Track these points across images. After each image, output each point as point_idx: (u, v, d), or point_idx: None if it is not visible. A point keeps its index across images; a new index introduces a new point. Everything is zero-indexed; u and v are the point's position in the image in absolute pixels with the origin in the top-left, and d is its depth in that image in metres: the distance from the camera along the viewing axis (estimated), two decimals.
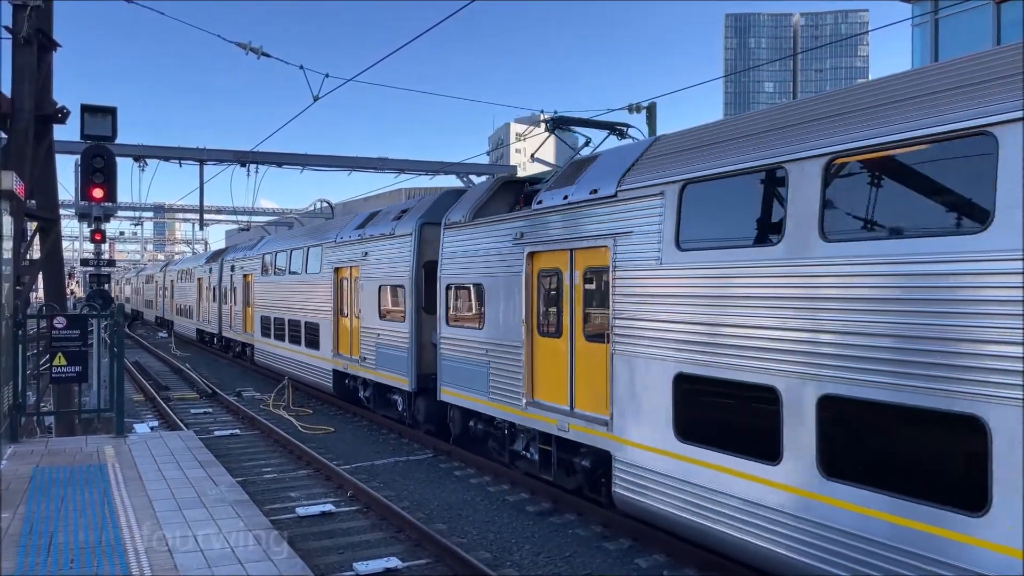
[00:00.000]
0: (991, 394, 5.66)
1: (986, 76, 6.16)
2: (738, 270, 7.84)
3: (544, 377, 11.41)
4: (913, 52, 23.83)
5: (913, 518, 6.10)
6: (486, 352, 12.85)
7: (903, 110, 6.57)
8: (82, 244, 66.54)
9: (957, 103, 6.16)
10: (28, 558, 6.91)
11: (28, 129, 13.57)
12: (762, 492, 7.42)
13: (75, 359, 12.45)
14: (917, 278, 6.23)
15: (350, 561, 9.14)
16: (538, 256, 11.50)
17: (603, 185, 10.04)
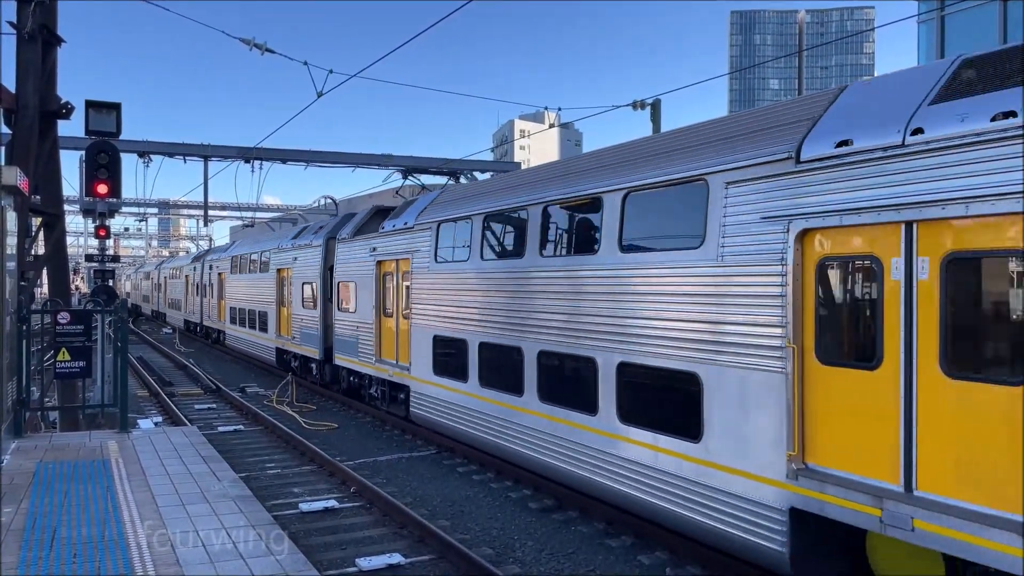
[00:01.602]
0: (702, 358, 8.38)
1: (722, 136, 8.76)
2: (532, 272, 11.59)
3: (385, 343, 17.21)
4: (919, 49, 23.76)
5: (664, 447, 8.98)
6: (356, 328, 18.61)
7: (668, 160, 9.28)
8: (87, 240, 66.74)
9: (693, 158, 8.87)
10: (31, 553, 6.93)
11: (33, 125, 13.57)
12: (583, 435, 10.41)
13: (79, 354, 12.47)
14: (666, 279, 9.02)
15: (353, 557, 9.15)
16: (381, 263, 17.24)
17: (409, 219, 15.90)
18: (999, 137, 5.94)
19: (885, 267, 6.74)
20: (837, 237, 7.17)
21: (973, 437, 6.08)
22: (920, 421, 6.45)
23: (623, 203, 9.79)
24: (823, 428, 7.24)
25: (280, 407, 19.84)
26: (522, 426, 11.76)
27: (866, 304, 7.02)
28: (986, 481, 5.98)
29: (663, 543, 9.51)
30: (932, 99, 6.70)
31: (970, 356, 6.24)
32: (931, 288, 6.40)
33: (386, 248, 16.86)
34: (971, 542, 5.95)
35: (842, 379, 7.09)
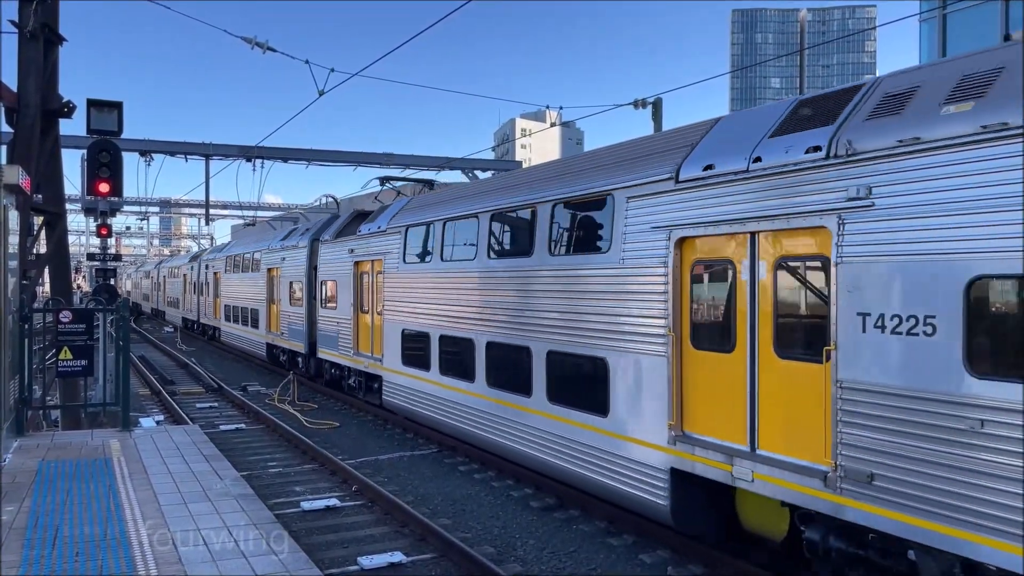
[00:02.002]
0: (609, 345, 9.83)
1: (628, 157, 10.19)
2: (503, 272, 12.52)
3: (362, 337, 18.74)
4: (920, 48, 23.73)
5: (579, 421, 10.42)
6: (337, 324, 20.10)
7: (586, 177, 10.78)
8: (88, 239, 66.73)
9: (604, 176, 10.30)
10: (33, 551, 6.94)
11: (34, 124, 13.58)
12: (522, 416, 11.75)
13: (81, 353, 12.49)
14: (582, 278, 10.46)
15: (355, 555, 9.16)
16: (358, 263, 18.75)
17: (382, 224, 17.43)
18: (809, 167, 7.35)
19: (737, 269, 8.21)
20: (705, 244, 8.62)
21: (795, 405, 7.52)
22: (761, 394, 7.90)
23: (552, 213, 11.30)
24: (695, 401, 8.70)
25: (282, 406, 19.86)
26: (475, 409, 13.18)
27: (725, 299, 8.41)
28: (803, 439, 7.41)
29: (665, 542, 9.52)
30: (771, 133, 8.04)
31: (791, 341, 7.65)
32: (767, 287, 7.86)
33: (363, 249, 18.40)
34: (793, 488, 7.42)
35: (709, 361, 8.54)
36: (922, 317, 6.39)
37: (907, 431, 6.47)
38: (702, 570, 8.82)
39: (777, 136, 7.91)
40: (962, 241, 6.12)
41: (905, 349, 6.51)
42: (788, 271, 7.71)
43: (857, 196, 6.91)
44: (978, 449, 6.00)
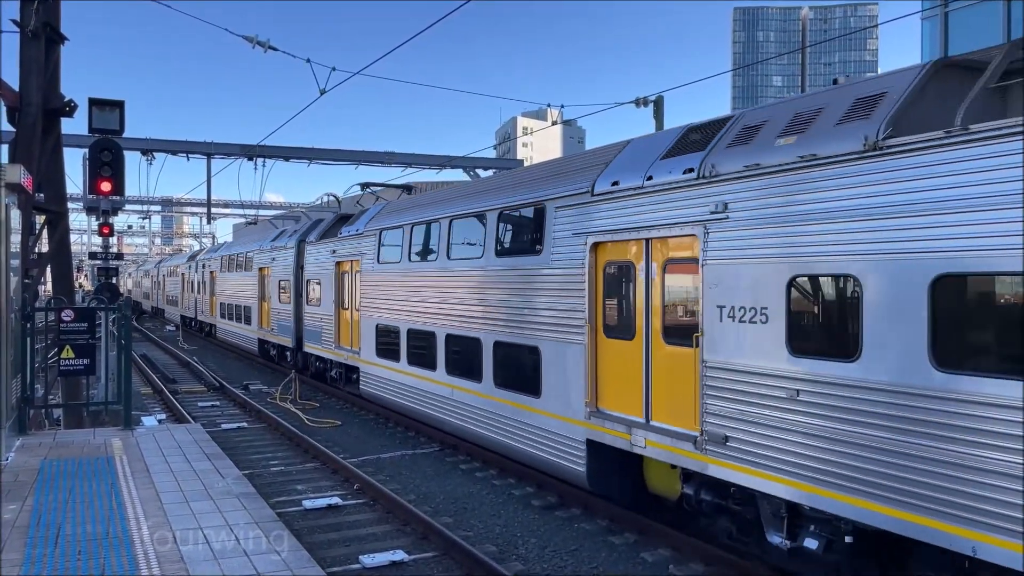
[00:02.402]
0: (541, 336, 11.29)
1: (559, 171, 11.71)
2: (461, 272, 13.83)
3: (342, 332, 20.23)
4: (922, 46, 23.70)
5: (519, 402, 11.83)
6: (321, 320, 21.64)
7: (526, 188, 12.22)
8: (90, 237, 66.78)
9: (539, 187, 11.75)
10: (36, 550, 6.96)
11: (36, 123, 13.59)
12: (475, 400, 13.18)
13: (83, 352, 12.50)
14: (521, 277, 11.87)
15: (356, 554, 9.17)
16: (339, 263, 20.26)
17: (360, 227, 18.92)
18: (684, 185, 8.78)
19: (636, 270, 9.63)
20: (613, 248, 10.01)
21: (676, 383, 8.96)
22: (653, 374, 9.36)
23: (497, 219, 12.76)
24: (606, 382, 10.20)
25: (283, 404, 19.88)
26: (437, 395, 14.60)
27: (628, 295, 9.80)
28: (681, 411, 8.86)
29: (666, 541, 9.52)
30: (663, 155, 9.41)
31: (674, 329, 9.07)
32: (658, 284, 9.30)
33: (343, 250, 19.91)
34: (674, 451, 8.90)
35: (616, 348, 10.00)
36: (759, 308, 7.86)
37: (749, 400, 7.94)
38: (704, 568, 8.82)
39: (666, 158, 9.32)
40: (786, 248, 7.55)
41: (747, 334, 7.98)
42: (672, 272, 9.17)
43: (717, 210, 8.35)
44: (795, 412, 7.44)
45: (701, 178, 8.59)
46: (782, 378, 7.54)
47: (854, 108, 7.37)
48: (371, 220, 18.38)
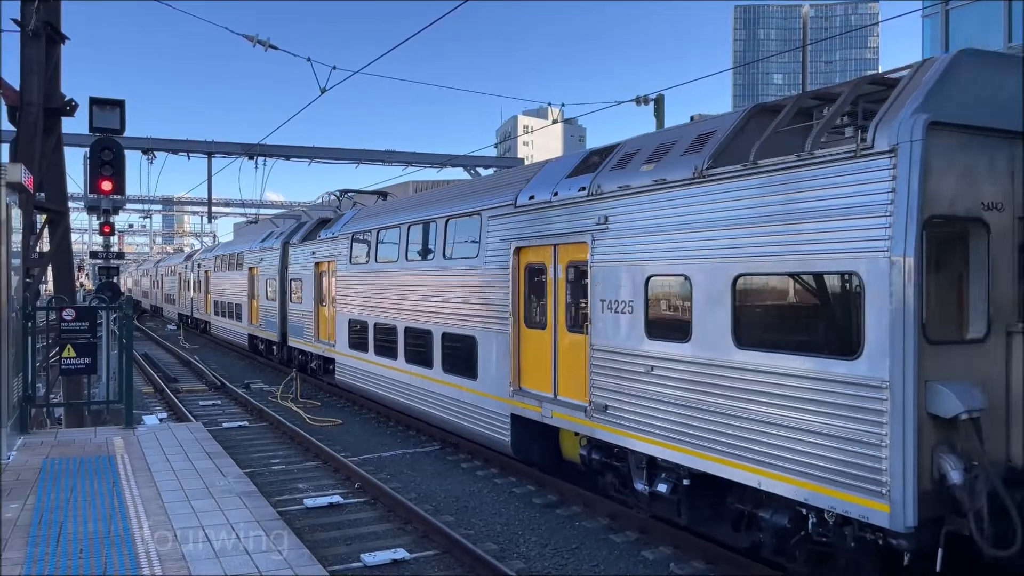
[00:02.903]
0: (477, 326, 12.99)
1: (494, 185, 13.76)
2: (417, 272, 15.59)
3: (321, 327, 21.90)
4: (923, 43, 23.68)
5: (461, 385, 13.56)
6: (303, 316, 23.31)
7: (468, 199, 14.01)
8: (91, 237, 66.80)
9: (478, 199, 13.47)
10: (37, 548, 6.96)
11: (37, 122, 13.60)
12: (427, 384, 14.93)
13: (84, 351, 12.50)
14: (462, 277, 13.60)
15: (358, 552, 9.18)
16: (318, 264, 21.89)
17: (336, 231, 20.47)
18: (579, 200, 10.52)
19: (547, 270, 11.42)
20: (531, 252, 11.82)
21: (575, 364, 10.72)
22: (559, 357, 11.17)
23: (444, 227, 14.41)
24: (526, 365, 12.01)
25: (285, 403, 19.89)
26: (399, 382, 16.26)
27: (541, 292, 11.68)
28: (578, 387, 10.61)
29: (668, 539, 9.52)
30: (567, 175, 11.19)
31: (574, 320, 10.87)
32: (563, 283, 11.09)
33: (321, 252, 21.55)
34: (572, 420, 10.69)
35: (533, 336, 11.85)
36: (628, 301, 9.62)
37: (621, 375, 9.69)
38: (705, 567, 8.83)
39: (569, 177, 11.08)
40: (645, 253, 9.34)
41: (620, 322, 9.74)
42: (572, 272, 10.92)
43: (600, 222, 10.08)
44: (650, 384, 9.19)
45: (590, 195, 10.33)
46: (642, 357, 9.35)
47: (693, 143, 9.04)
48: (345, 225, 20.09)
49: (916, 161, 6.55)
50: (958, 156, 6.90)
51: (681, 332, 8.76)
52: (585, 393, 10.32)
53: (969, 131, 6.93)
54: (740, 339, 8.01)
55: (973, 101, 7.02)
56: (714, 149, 8.58)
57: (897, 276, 6.56)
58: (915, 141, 6.57)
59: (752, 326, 8.11)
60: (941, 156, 6.75)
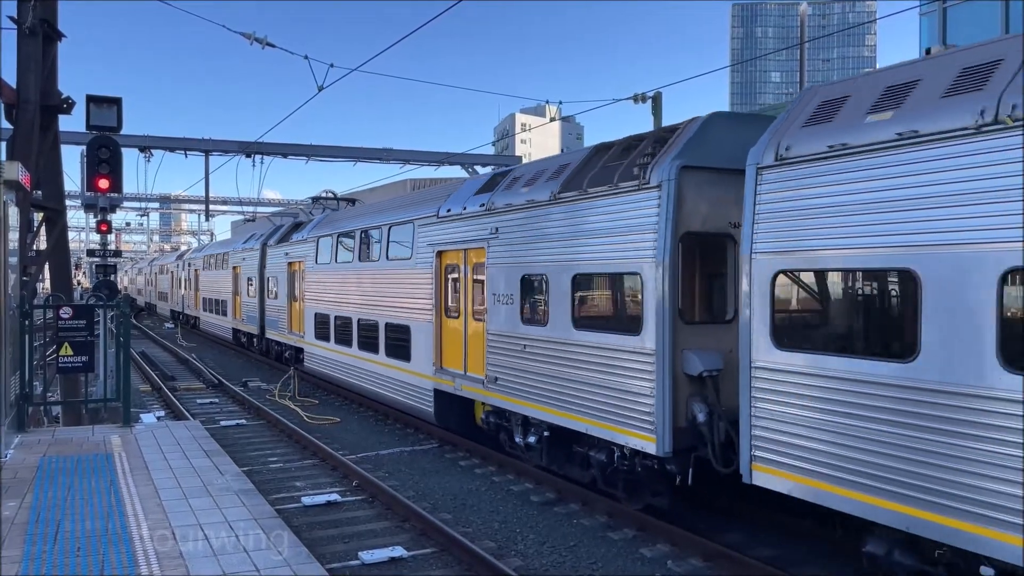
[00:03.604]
0: (411, 317, 15.40)
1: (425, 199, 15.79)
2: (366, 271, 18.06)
3: (293, 320, 24.45)
4: (921, 42, 23.69)
5: (400, 367, 15.91)
6: (278, 311, 25.94)
7: (404, 209, 16.36)
8: (88, 235, 66.71)
9: (412, 210, 15.82)
10: (35, 546, 6.96)
11: (34, 120, 13.57)
12: (374, 367, 17.43)
13: (82, 349, 12.48)
14: (400, 276, 15.99)
15: (356, 550, 9.18)
16: (291, 263, 24.46)
17: (305, 234, 22.85)
18: (480, 214, 13.05)
19: (460, 270, 13.92)
20: (448, 255, 14.33)
21: (478, 346, 13.18)
22: (468, 341, 13.67)
23: (388, 232, 16.85)
24: (445, 348, 14.50)
25: (282, 401, 19.89)
26: (354, 366, 18.67)
27: (456, 288, 14.10)
28: (479, 364, 13.09)
29: (665, 536, 9.54)
30: (475, 192, 13.67)
31: (477, 311, 13.26)
32: (471, 280, 13.58)
33: (293, 253, 24.14)
34: (475, 391, 13.21)
35: (450, 324, 14.33)
36: (510, 295, 12.15)
37: (505, 353, 12.27)
38: (702, 564, 8.84)
39: (476, 194, 13.53)
40: (520, 257, 11.93)
41: (505, 311, 12.30)
42: (476, 272, 13.29)
43: (493, 232, 12.65)
44: (526, 359, 11.73)
45: (487, 211, 12.80)
46: (519, 338, 11.94)
47: (555, 172, 11.57)
48: (312, 229, 22.49)
49: (672, 194, 9.07)
50: (708, 189, 9.30)
51: (542, 318, 11.42)
52: (483, 369, 12.90)
53: (717, 171, 9.24)
54: (576, 323, 10.68)
55: (720, 149, 9.25)
56: (565, 178, 11.10)
57: (660, 275, 9.10)
58: (671, 180, 9.10)
59: (583, 313, 10.78)
60: (693, 189, 9.21)
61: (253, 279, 28.81)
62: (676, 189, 9.05)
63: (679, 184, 9.07)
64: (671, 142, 9.55)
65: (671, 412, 9.02)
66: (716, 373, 9.07)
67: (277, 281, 25.81)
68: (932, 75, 6.75)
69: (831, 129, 7.35)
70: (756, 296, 7.91)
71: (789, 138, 7.73)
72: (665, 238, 9.04)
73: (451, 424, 14.68)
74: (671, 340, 9.08)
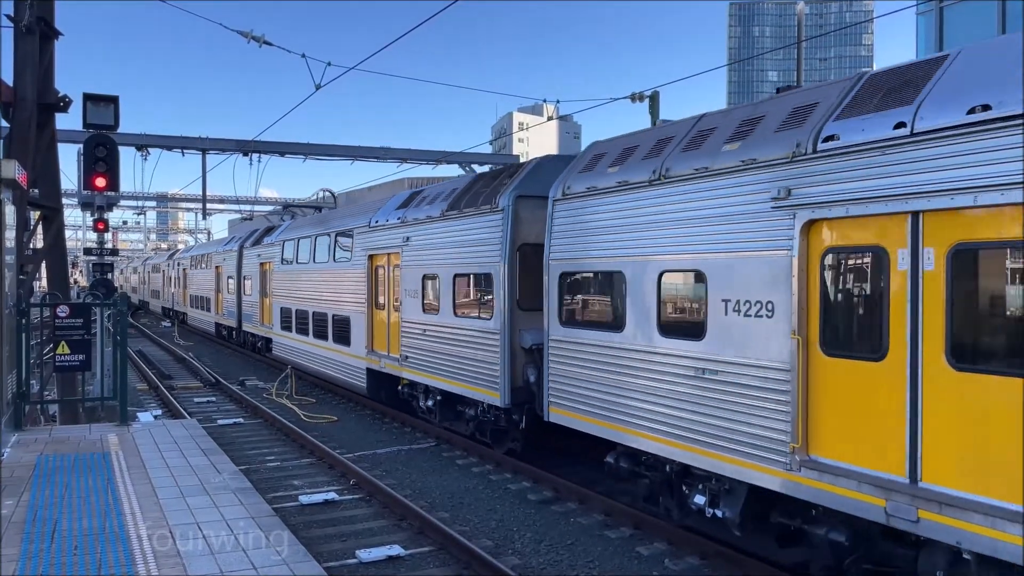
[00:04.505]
0: (352, 309, 18.53)
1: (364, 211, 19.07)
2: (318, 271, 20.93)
3: (264, 314, 26.98)
4: (917, 41, 23.72)
5: (343, 351, 19.03)
6: (252, 306, 28.63)
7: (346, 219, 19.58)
8: (85, 233, 66.64)
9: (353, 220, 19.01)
10: (32, 545, 6.96)
11: (31, 118, 13.55)
12: (325, 352, 20.25)
13: (79, 348, 12.46)
14: (344, 274, 18.92)
15: (353, 549, 9.19)
16: (262, 263, 26.83)
17: (274, 238, 25.88)
18: (395, 225, 15.97)
19: (386, 268, 16.72)
20: (377, 258, 17.19)
21: (395, 333, 16.13)
22: (391, 328, 16.46)
23: (335, 239, 19.67)
24: (375, 334, 17.34)
25: (280, 400, 19.88)
26: (311, 352, 21.54)
27: (383, 283, 16.95)
28: (396, 346, 15.96)
29: (662, 535, 9.55)
30: (397, 207, 16.48)
31: (395, 304, 16.24)
32: (392, 277, 16.52)
33: (264, 254, 26.88)
34: (394, 368, 16.10)
35: (379, 314, 17.15)
36: (415, 290, 15.13)
37: (412, 337, 15.27)
38: (699, 562, 8.86)
39: (397, 209, 16.34)
40: (422, 261, 14.89)
41: (412, 303, 15.29)
42: (395, 271, 16.25)
43: (405, 241, 15.58)
44: (425, 341, 14.76)
45: (402, 223, 15.81)
46: (421, 324, 14.95)
47: (446, 194, 14.71)
48: (279, 234, 25.71)
49: (510, 216, 12.41)
50: (537, 211, 12.11)
51: (436, 308, 14.44)
52: (399, 350, 15.86)
53: (543, 199, 11.49)
54: (455, 311, 13.89)
55: (547, 183, 11.49)
56: (452, 199, 14.27)
57: (504, 274, 12.39)
58: (509, 206, 12.44)
59: (459, 303, 13.88)
60: (527, 212, 12.42)
61: (232, 278, 31.51)
62: (514, 212, 12.41)
63: (516, 208, 12.42)
64: (515, 176, 12.96)
65: (510, 375, 12.35)
66: (541, 346, 11.58)
67: (251, 279, 28.47)
68: (643, 143, 9.88)
69: (591, 176, 10.40)
70: (552, 289, 11.02)
71: (570, 180, 10.81)
72: (507, 247, 12.41)
73: (381, 397, 17.63)
74: (511, 322, 12.43)
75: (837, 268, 7.12)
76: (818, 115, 7.40)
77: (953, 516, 5.98)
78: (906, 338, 6.36)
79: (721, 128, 8.69)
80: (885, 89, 6.98)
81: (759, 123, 8.15)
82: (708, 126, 8.94)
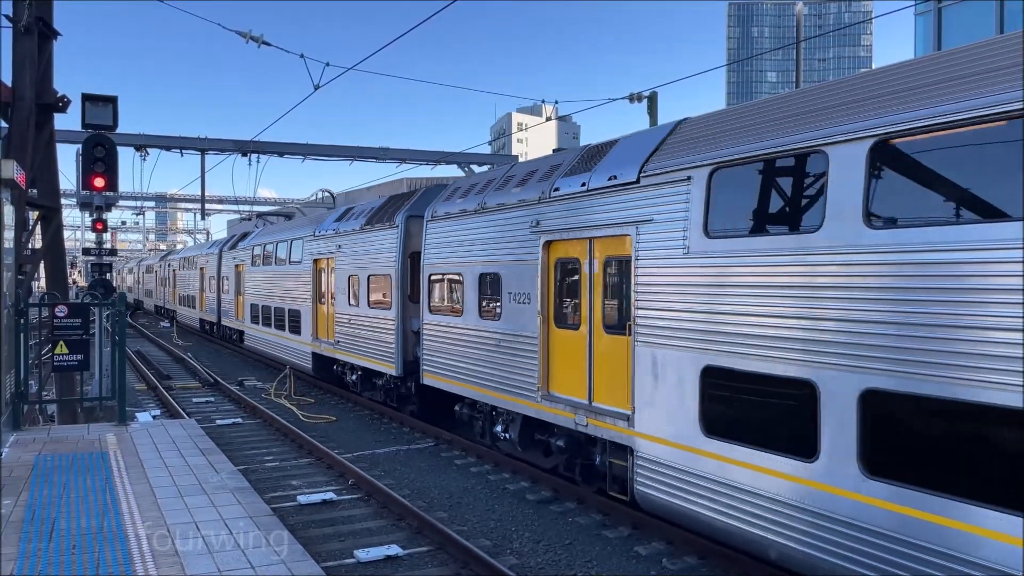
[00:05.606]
0: (302, 303, 22.59)
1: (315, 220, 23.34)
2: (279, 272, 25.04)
3: (239, 310, 29.59)
4: (916, 42, 23.75)
5: (296, 339, 22.97)
6: (229, 303, 31.45)
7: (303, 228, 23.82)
8: (84, 233, 66.62)
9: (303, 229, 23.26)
10: (30, 544, 6.96)
11: (29, 118, 13.55)
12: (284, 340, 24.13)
13: (77, 347, 12.46)
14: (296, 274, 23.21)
15: (351, 548, 9.19)
16: (237, 265, 29.85)
17: (247, 244, 29.20)
18: (331, 236, 19.97)
19: (326, 271, 20.31)
20: (319, 261, 20.73)
21: (331, 321, 19.96)
22: (329, 319, 20.07)
23: (291, 244, 22.82)
24: (319, 324, 20.71)
25: (278, 400, 19.88)
26: (271, 341, 24.89)
27: (322, 283, 20.64)
28: (331, 333, 20.02)
29: (660, 534, 9.56)
30: (335, 219, 20.16)
31: (335, 299, 19.53)
32: (331, 279, 19.83)
33: (239, 257, 29.78)
34: (330, 352, 20.21)
35: (321, 308, 20.68)
36: (345, 288, 18.67)
37: (342, 324, 18.89)
38: (697, 562, 8.87)
39: (334, 221, 19.77)
40: (349, 263, 18.69)
41: (343, 298, 18.80)
42: (330, 272, 19.64)
43: (338, 248, 19.22)
44: (350, 327, 18.56)
45: (336, 233, 19.35)
46: (348, 315, 18.40)
47: (368, 210, 18.42)
48: (251, 239, 28.88)
49: (403, 231, 16.08)
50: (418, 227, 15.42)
51: (356, 302, 17.96)
52: (334, 336, 19.39)
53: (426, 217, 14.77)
54: (368, 304, 17.40)
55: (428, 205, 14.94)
56: (369, 215, 17.96)
57: (398, 276, 16.09)
58: (402, 224, 16.10)
59: (372, 297, 17.25)
60: (416, 228, 15.75)
61: (214, 278, 34.83)
62: (406, 228, 16.14)
63: (407, 225, 16.12)
64: (409, 200, 16.69)
65: (403, 351, 16.15)
66: (418, 328, 15.08)
67: (229, 279, 31.73)
68: (478, 183, 13.66)
69: (448, 204, 14.10)
70: (423, 287, 14.77)
71: (436, 206, 14.47)
72: (400, 254, 16.16)
73: (323, 376, 21.27)
74: (403, 311, 16.18)
75: (560, 272, 10.90)
76: (557, 173, 11.13)
77: (600, 420, 9.90)
78: (588, 315, 10.25)
79: (516, 176, 12.41)
80: (585, 160, 10.75)
81: (533, 175, 11.83)
82: (510, 174, 12.76)
